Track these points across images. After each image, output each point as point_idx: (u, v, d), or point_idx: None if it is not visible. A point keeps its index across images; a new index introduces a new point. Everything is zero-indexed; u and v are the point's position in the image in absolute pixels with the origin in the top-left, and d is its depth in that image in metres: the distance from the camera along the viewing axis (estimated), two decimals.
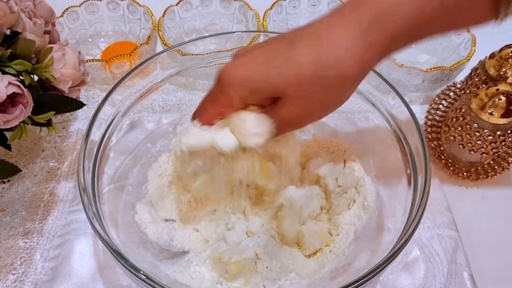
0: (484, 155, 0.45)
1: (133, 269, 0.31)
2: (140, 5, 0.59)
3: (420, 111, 0.55)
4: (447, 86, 0.56)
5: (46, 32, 0.42)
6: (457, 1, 0.28)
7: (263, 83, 0.30)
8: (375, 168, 0.45)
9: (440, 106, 0.54)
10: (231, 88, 0.30)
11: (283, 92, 0.30)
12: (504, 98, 0.42)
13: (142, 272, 0.31)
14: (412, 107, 0.40)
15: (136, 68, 0.43)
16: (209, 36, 0.49)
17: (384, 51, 0.29)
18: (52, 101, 0.41)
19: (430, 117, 0.54)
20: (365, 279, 0.30)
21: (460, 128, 0.46)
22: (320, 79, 0.29)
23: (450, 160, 0.49)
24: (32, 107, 0.38)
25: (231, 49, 0.50)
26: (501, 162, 0.48)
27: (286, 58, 0.29)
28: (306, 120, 0.33)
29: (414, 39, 0.30)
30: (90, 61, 0.52)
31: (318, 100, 0.30)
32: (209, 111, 0.33)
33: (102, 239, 0.32)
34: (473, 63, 0.52)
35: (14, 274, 0.41)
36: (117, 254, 0.32)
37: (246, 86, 0.30)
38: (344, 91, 0.31)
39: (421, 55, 0.62)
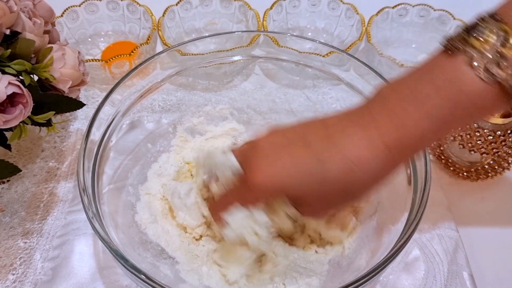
0: (484, 155, 0.45)
1: (133, 269, 0.31)
2: (140, 5, 0.59)
3: None
4: None
5: (45, 32, 0.42)
6: (472, 113, 0.28)
7: (293, 193, 0.32)
8: None
9: None
10: (262, 195, 0.32)
11: (308, 200, 0.32)
12: None
13: (142, 272, 0.31)
14: None
15: (136, 68, 0.43)
16: (209, 36, 0.49)
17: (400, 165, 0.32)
18: (52, 101, 0.41)
19: None
20: (365, 279, 0.30)
21: (460, 128, 0.46)
22: (346, 192, 0.31)
23: (450, 160, 0.49)
24: (31, 107, 0.38)
25: (231, 49, 0.50)
26: (502, 162, 0.48)
27: (314, 173, 0.30)
28: (323, 215, 0.38)
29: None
30: (89, 61, 0.52)
31: (339, 203, 0.34)
32: (230, 204, 0.34)
33: (102, 239, 0.32)
34: None
35: (13, 275, 0.41)
36: (117, 254, 0.32)
37: (278, 195, 0.32)
38: (366, 195, 0.33)
39: (421, 55, 0.62)
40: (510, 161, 0.48)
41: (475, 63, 0.26)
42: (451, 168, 0.49)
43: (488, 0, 0.30)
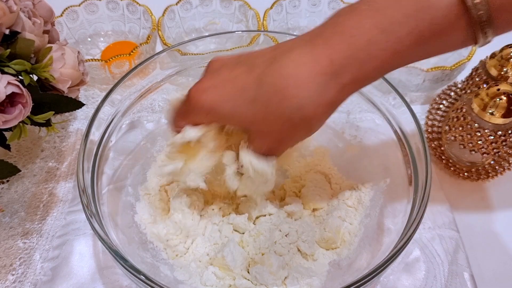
0: (485, 155, 0.45)
1: (133, 270, 0.31)
2: (139, 5, 0.59)
3: (421, 111, 0.55)
4: (448, 86, 0.56)
5: (45, 32, 0.42)
6: (432, 34, 0.26)
7: (230, 116, 0.30)
8: (376, 169, 0.44)
9: (441, 106, 0.54)
10: (199, 111, 0.31)
11: (250, 128, 0.31)
12: (505, 98, 0.42)
13: (142, 273, 0.31)
14: (413, 107, 0.40)
15: (136, 67, 0.43)
16: (209, 35, 0.49)
17: (355, 90, 0.29)
18: (52, 101, 0.41)
19: (430, 117, 0.54)
20: (366, 279, 0.30)
21: (461, 128, 0.46)
22: (286, 120, 0.29)
23: (450, 160, 0.49)
24: (31, 107, 0.38)
25: (231, 49, 0.50)
26: (502, 162, 0.48)
27: (253, 97, 0.28)
28: (280, 149, 0.33)
29: (387, 72, 0.30)
30: (89, 61, 0.52)
31: (286, 135, 0.31)
32: (180, 125, 0.33)
33: (102, 239, 0.32)
34: (474, 63, 0.52)
35: (13, 275, 0.41)
36: (117, 254, 0.32)
37: (213, 114, 0.30)
38: (311, 127, 0.31)
39: None
40: (510, 161, 0.48)
41: None
42: (452, 168, 0.49)
43: None
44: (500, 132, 0.44)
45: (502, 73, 0.47)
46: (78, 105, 0.43)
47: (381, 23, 0.26)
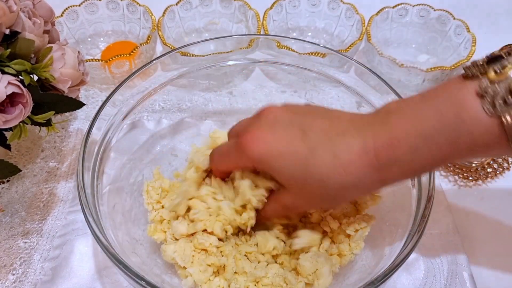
0: None
1: (129, 271, 0.31)
2: (139, 5, 0.59)
3: None
4: None
5: (45, 32, 0.42)
6: (472, 148, 0.27)
7: (277, 171, 0.32)
8: None
9: None
10: (248, 158, 0.32)
11: (289, 186, 0.33)
12: None
13: (142, 278, 0.31)
14: None
15: (138, 70, 0.43)
16: (210, 39, 0.49)
17: (391, 183, 0.31)
18: (52, 101, 0.41)
19: None
20: (375, 285, 0.31)
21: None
22: (326, 191, 0.31)
23: None
24: (31, 107, 0.38)
25: (231, 51, 0.50)
26: (502, 163, 0.48)
27: (303, 163, 0.30)
28: (300, 209, 0.38)
29: (424, 173, 0.34)
30: (89, 61, 0.52)
31: (315, 202, 0.34)
32: (222, 166, 0.37)
33: (99, 241, 0.32)
34: None
35: (13, 275, 0.41)
36: (114, 257, 0.32)
37: (262, 164, 0.32)
38: (341, 203, 0.37)
39: (421, 55, 0.62)
40: (510, 162, 0.48)
41: (484, 94, 0.25)
42: (451, 168, 0.49)
43: (485, 1, 0.30)
44: None
45: None
46: (79, 105, 0.43)
47: (424, 130, 0.28)
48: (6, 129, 0.39)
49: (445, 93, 0.27)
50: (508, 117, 0.25)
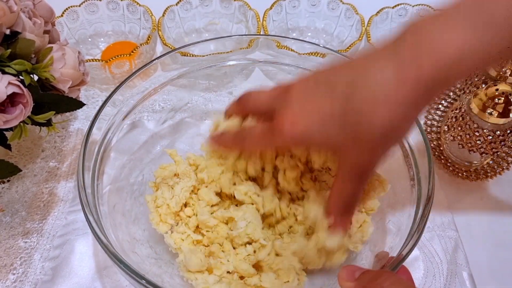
0: (483, 155, 0.45)
1: (129, 270, 0.31)
2: (140, 5, 0.59)
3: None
4: None
5: (45, 32, 0.42)
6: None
7: (322, 143, 0.31)
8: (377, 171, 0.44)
9: (440, 106, 0.54)
10: (291, 142, 0.32)
11: (341, 149, 0.31)
12: (503, 98, 0.42)
13: (142, 276, 0.31)
14: None
15: (138, 70, 0.43)
16: (210, 39, 0.49)
17: (435, 98, 0.31)
18: (52, 101, 0.41)
19: (429, 117, 0.54)
20: None
21: (459, 128, 0.46)
22: (378, 139, 0.29)
23: (449, 160, 0.49)
24: (32, 107, 0.38)
25: (231, 51, 0.50)
26: (501, 162, 0.48)
27: (342, 123, 0.29)
28: (371, 166, 0.32)
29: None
30: (90, 61, 0.52)
31: (375, 152, 0.31)
32: (259, 147, 0.37)
33: (100, 241, 0.32)
34: None
35: (14, 274, 0.41)
36: (115, 257, 0.32)
37: (305, 143, 0.32)
38: (398, 140, 0.34)
39: None
40: (509, 161, 0.48)
41: None
42: (451, 168, 0.49)
43: None
44: (498, 132, 0.44)
45: (501, 73, 0.47)
46: (79, 105, 0.43)
47: (470, 42, 0.26)
48: (6, 129, 0.39)
49: None
50: None
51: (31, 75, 0.39)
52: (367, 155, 0.31)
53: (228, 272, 0.37)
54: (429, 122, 0.53)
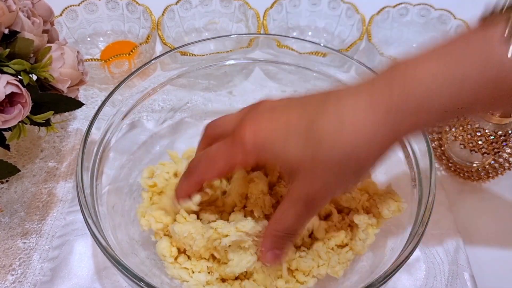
0: (485, 155, 0.45)
1: (128, 272, 0.31)
2: (139, 4, 0.59)
3: None
4: None
5: (44, 31, 0.42)
6: (497, 91, 0.25)
7: (280, 155, 0.30)
8: (377, 170, 0.44)
9: None
10: (251, 151, 0.30)
11: (297, 169, 0.29)
12: None
13: (139, 276, 0.31)
14: None
15: (138, 69, 0.43)
16: (211, 38, 0.49)
17: (408, 136, 0.30)
18: (51, 101, 0.41)
19: None
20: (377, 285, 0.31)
21: (461, 128, 0.46)
22: (336, 164, 0.28)
23: (451, 160, 0.49)
24: (30, 106, 0.38)
25: (231, 50, 0.50)
26: (503, 162, 0.48)
27: (305, 138, 0.28)
28: (321, 200, 0.31)
29: (444, 121, 0.30)
30: (89, 61, 0.52)
31: (333, 180, 0.29)
32: (219, 165, 0.32)
33: (99, 244, 0.32)
34: None
35: (13, 275, 0.41)
36: (114, 259, 0.31)
37: (264, 153, 0.30)
38: (361, 173, 0.30)
39: None
40: (511, 161, 0.48)
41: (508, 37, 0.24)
42: (452, 168, 0.49)
43: (486, 0, 0.30)
44: (500, 132, 0.44)
45: None
46: (78, 105, 0.43)
47: (442, 74, 0.26)
48: (5, 129, 0.39)
49: (462, 41, 0.26)
50: None
51: (30, 75, 0.39)
52: (319, 183, 0.29)
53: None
54: None
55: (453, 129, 0.47)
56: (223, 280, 0.37)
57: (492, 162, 0.48)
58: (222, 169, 0.32)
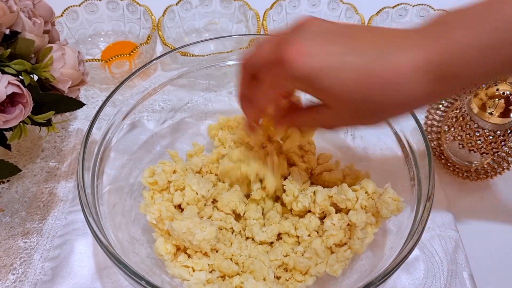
0: (484, 155, 0.45)
1: (129, 271, 0.31)
2: (139, 5, 0.59)
3: (420, 111, 0.55)
4: None
5: (45, 32, 0.42)
6: None
7: (328, 90, 0.28)
8: (377, 170, 0.44)
9: (440, 106, 0.54)
10: (293, 79, 0.28)
11: (335, 104, 0.29)
12: (504, 98, 0.42)
13: (140, 274, 0.31)
14: None
15: (138, 70, 0.43)
16: (211, 39, 0.49)
17: (457, 88, 0.29)
18: (52, 101, 0.41)
19: (430, 117, 0.54)
20: (376, 285, 0.31)
21: (460, 128, 0.46)
22: (376, 106, 0.28)
23: (450, 160, 0.49)
24: (31, 107, 0.38)
25: (231, 51, 0.50)
26: (501, 162, 0.48)
27: (355, 77, 0.27)
28: (338, 126, 0.34)
29: (495, 76, 0.32)
30: (89, 61, 0.52)
31: (360, 118, 0.30)
32: (260, 102, 0.34)
33: (100, 242, 0.32)
34: None
35: (14, 274, 0.41)
36: (114, 257, 0.32)
37: (310, 83, 0.28)
38: (401, 113, 0.30)
39: None
40: (509, 161, 0.48)
41: None
42: (451, 168, 0.49)
43: None
44: (499, 132, 0.44)
45: None
46: (79, 105, 0.43)
47: (484, 43, 0.26)
48: (6, 129, 0.39)
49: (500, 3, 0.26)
50: None
51: (31, 75, 0.39)
52: (347, 122, 0.32)
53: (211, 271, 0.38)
54: (429, 122, 0.53)
55: (452, 129, 0.47)
56: (223, 278, 0.37)
57: (491, 161, 0.49)
58: (265, 96, 0.33)
